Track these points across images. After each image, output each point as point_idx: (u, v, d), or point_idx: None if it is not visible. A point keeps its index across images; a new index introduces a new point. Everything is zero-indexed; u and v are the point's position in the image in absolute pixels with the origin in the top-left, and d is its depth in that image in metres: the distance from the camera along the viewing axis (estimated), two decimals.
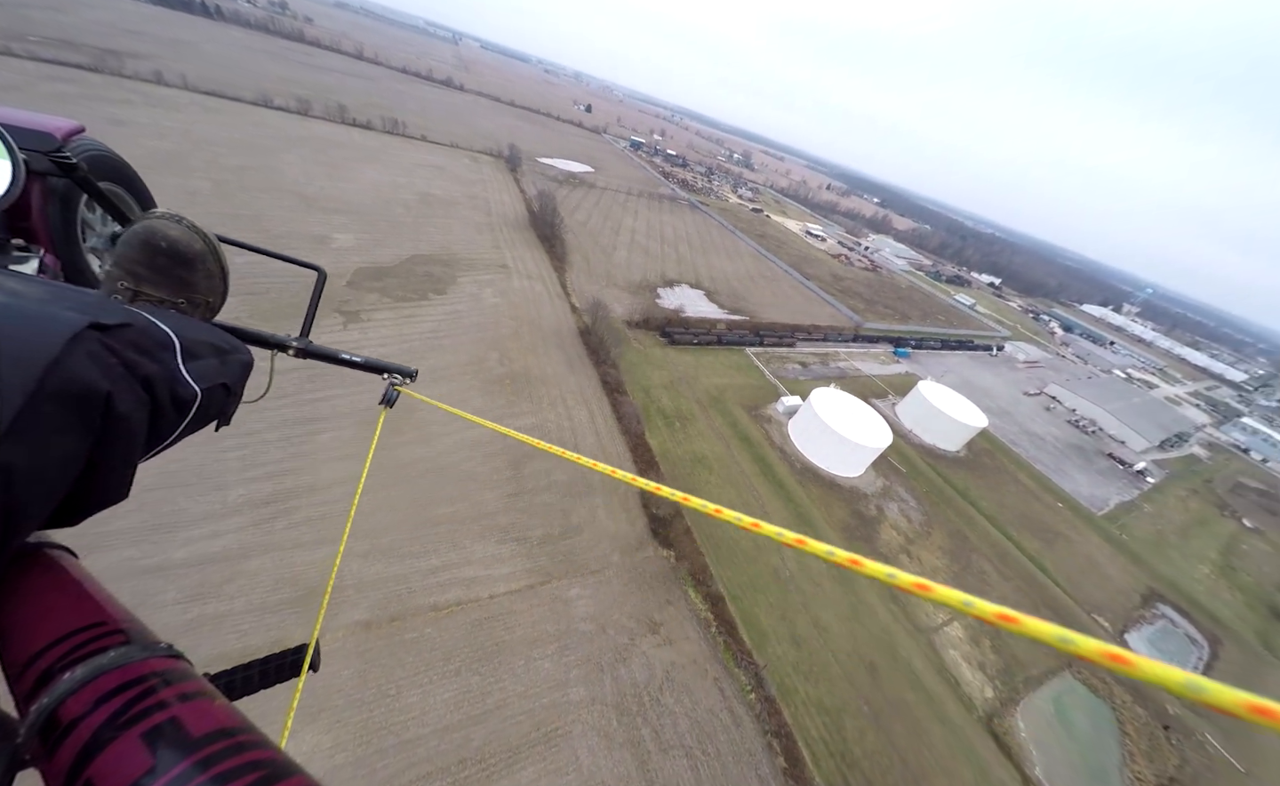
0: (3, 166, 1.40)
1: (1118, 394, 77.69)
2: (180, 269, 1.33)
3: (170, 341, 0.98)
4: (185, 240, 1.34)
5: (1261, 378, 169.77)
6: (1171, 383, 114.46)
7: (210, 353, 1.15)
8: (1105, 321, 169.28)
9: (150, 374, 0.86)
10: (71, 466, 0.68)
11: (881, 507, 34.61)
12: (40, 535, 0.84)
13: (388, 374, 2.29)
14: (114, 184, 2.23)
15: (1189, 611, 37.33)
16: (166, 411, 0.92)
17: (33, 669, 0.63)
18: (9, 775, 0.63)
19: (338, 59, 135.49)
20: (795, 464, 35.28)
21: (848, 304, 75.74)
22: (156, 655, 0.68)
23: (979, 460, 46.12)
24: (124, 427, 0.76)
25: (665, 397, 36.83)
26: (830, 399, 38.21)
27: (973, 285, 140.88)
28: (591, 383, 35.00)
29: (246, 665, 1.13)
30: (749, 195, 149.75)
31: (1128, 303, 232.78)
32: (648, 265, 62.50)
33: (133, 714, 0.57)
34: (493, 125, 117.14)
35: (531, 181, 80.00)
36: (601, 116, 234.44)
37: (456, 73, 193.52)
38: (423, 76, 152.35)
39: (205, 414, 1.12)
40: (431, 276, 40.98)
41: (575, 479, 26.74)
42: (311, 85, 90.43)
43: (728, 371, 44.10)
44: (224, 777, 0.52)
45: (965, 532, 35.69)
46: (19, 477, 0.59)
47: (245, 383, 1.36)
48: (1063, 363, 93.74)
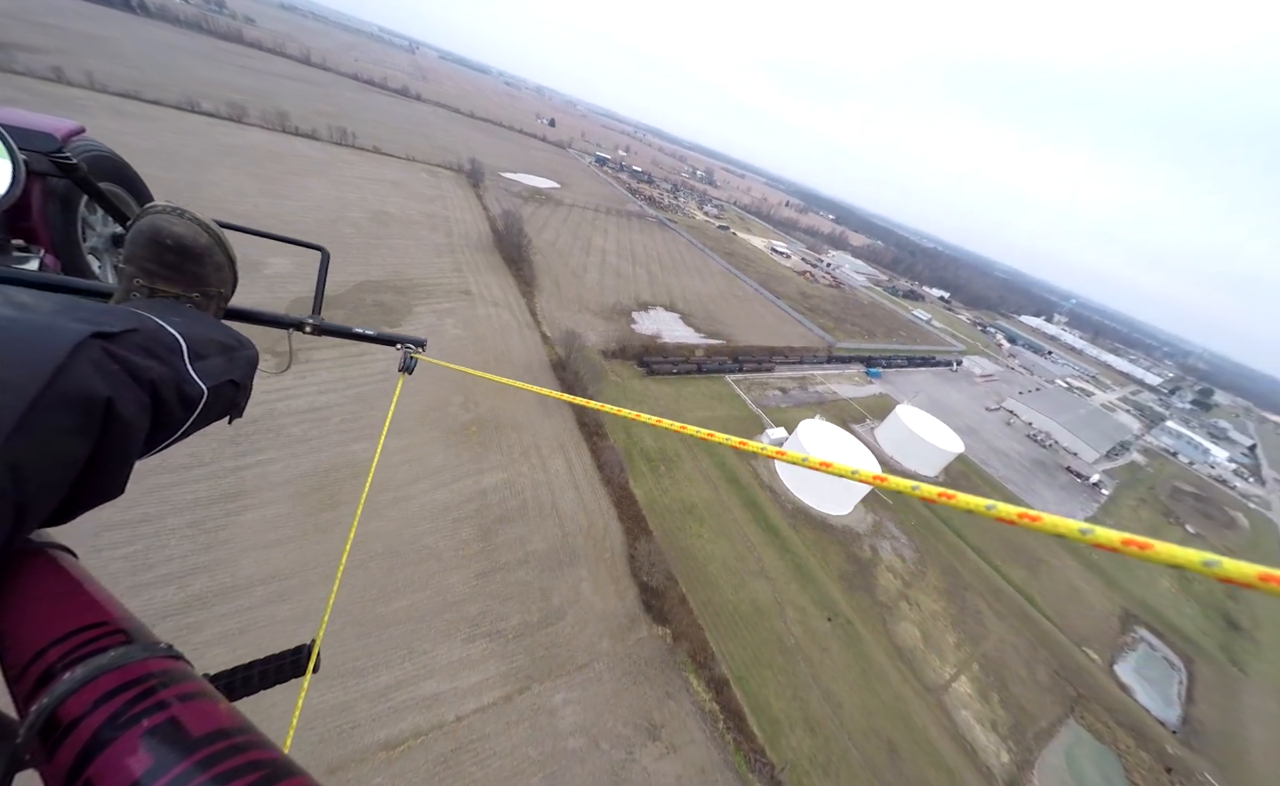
0: (3, 167, 1.40)
1: (1064, 405, 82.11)
2: (190, 264, 1.33)
3: (177, 344, 1.02)
4: (191, 235, 1.31)
5: (1172, 381, 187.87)
6: (1104, 389, 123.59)
7: (217, 351, 1.20)
8: (1041, 331, 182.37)
9: (156, 375, 0.91)
10: (73, 466, 0.72)
11: (875, 548, 33.32)
12: (40, 535, 0.86)
13: (400, 344, 2.22)
14: (114, 184, 2.23)
15: (1161, 632, 38.19)
16: (173, 409, 0.97)
17: (32, 669, 0.63)
18: (9, 775, 0.63)
19: (281, 63, 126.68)
20: (786, 504, 33.49)
21: (818, 322, 76.38)
22: (156, 655, 0.68)
23: (956, 484, 46.20)
24: (124, 430, 0.80)
25: (647, 437, 34.25)
26: (817, 432, 36.90)
27: (926, 300, 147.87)
28: (568, 425, 31.94)
29: (247, 665, 1.12)
30: (714, 212, 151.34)
31: (1057, 312, 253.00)
32: (620, 287, 60.17)
33: (133, 714, 0.57)
34: (453, 138, 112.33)
35: (495, 198, 76.29)
36: (565, 131, 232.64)
37: (413, 82, 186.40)
38: (376, 84, 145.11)
39: (213, 409, 1.17)
40: (384, 306, 36.79)
41: (555, 545, 23.58)
42: (249, 90, 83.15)
43: (710, 403, 42.15)
44: (224, 777, 0.52)
45: (957, 567, 34.98)
46: (27, 474, 0.63)
47: (253, 377, 1.39)
48: (1013, 375, 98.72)
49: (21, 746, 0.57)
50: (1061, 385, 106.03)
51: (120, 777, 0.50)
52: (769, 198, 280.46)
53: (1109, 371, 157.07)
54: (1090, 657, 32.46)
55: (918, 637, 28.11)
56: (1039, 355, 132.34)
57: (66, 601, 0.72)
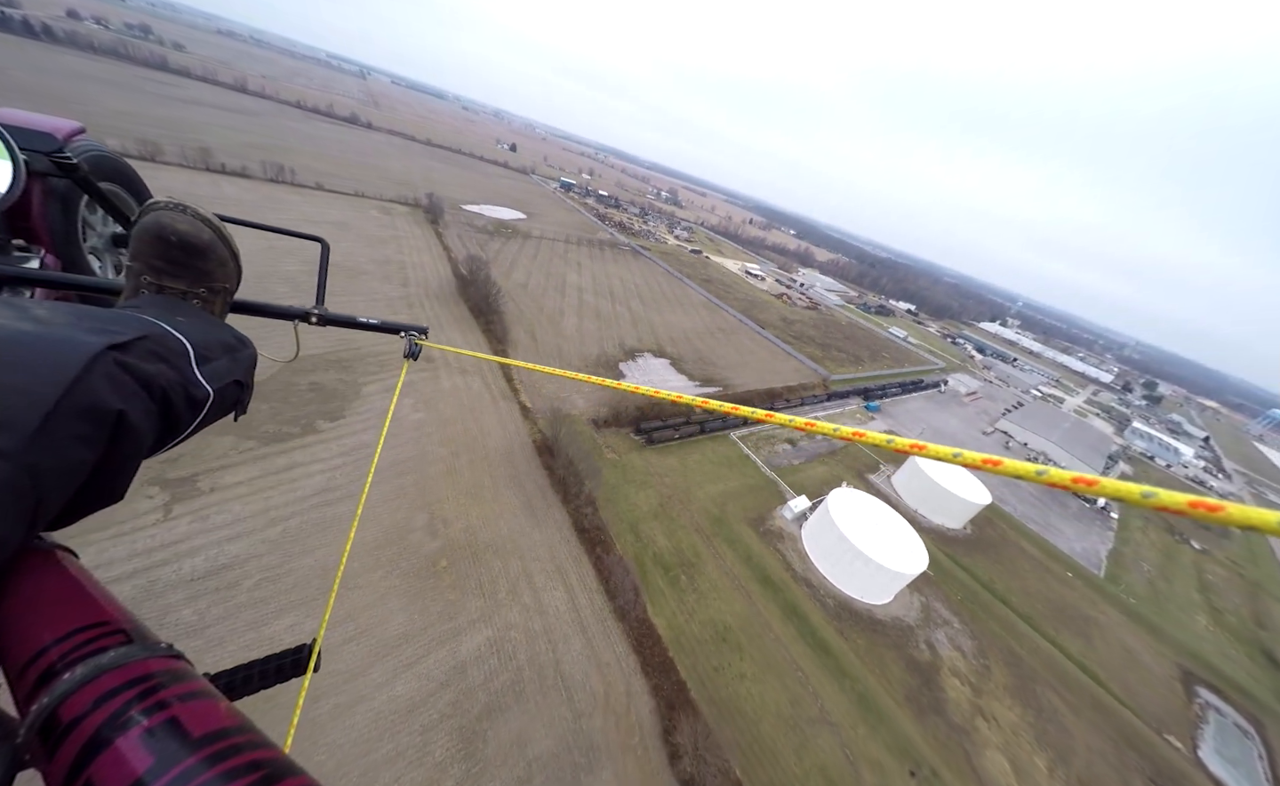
0: (3, 167, 1.39)
1: (1049, 420, 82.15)
2: (196, 260, 1.33)
3: (185, 349, 1.06)
4: (194, 231, 1.31)
5: (1122, 376, 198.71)
6: (1070, 393, 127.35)
7: (222, 352, 1.21)
8: (1001, 337, 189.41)
9: (166, 382, 0.94)
10: (82, 472, 0.74)
11: (931, 643, 28.58)
12: (40, 534, 0.87)
13: (404, 332, 2.35)
14: (114, 184, 2.19)
15: (1220, 688, 35.18)
16: (181, 412, 1.00)
17: (33, 668, 0.63)
18: (9, 775, 0.63)
19: (212, 91, 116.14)
20: (826, 600, 28.36)
21: (807, 352, 73.26)
22: (157, 655, 0.68)
23: (984, 534, 42.71)
24: (131, 438, 0.83)
25: (659, 533, 28.49)
26: (847, 506, 32.20)
27: (896, 314, 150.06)
28: (563, 534, 25.78)
29: (247, 665, 1.13)
30: (685, 235, 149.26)
31: (1009, 316, 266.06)
32: (602, 332, 54.63)
33: (133, 714, 0.57)
34: (408, 168, 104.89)
35: (458, 235, 69.69)
36: (527, 156, 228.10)
37: (364, 108, 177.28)
38: (322, 113, 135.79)
39: (219, 409, 1.20)
40: (322, 389, 29.71)
41: (565, 738, 17.31)
42: (169, 122, 73.68)
43: (719, 470, 36.88)
44: (225, 777, 0.52)
45: (1017, 651, 30.69)
46: (44, 477, 0.66)
47: (254, 374, 1.42)
48: (994, 389, 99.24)
49: (22, 745, 0.58)
50: (1036, 395, 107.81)
51: (121, 777, 0.50)
52: (733, 216, 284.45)
53: (1068, 373, 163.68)
54: (1174, 747, 28.63)
55: (1007, 769, 23.27)
56: (1007, 364, 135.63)
57: (67, 601, 0.72)
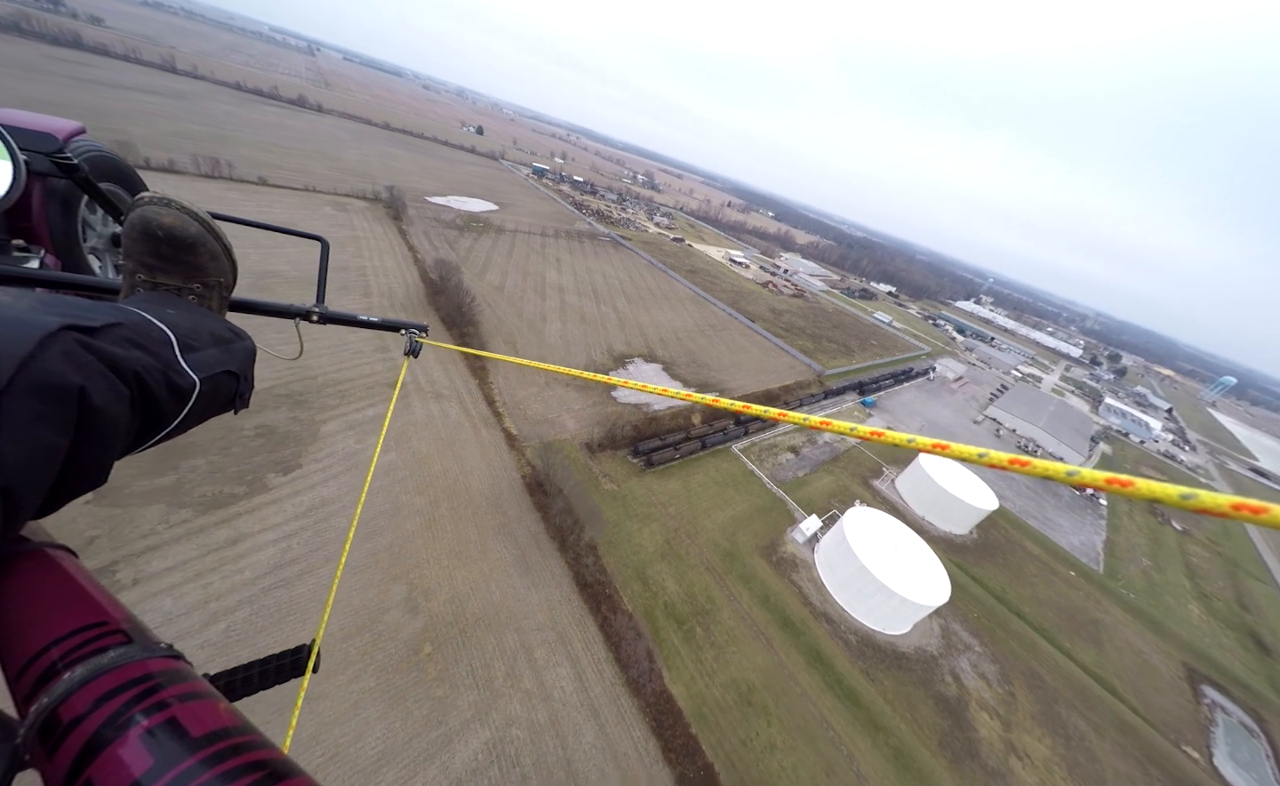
0: (3, 167, 1.40)
1: (1034, 403, 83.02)
2: (185, 255, 1.32)
3: (165, 336, 1.04)
4: (180, 225, 1.30)
5: (1090, 352, 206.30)
6: (1045, 371, 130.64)
7: (211, 342, 1.20)
8: (977, 315, 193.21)
9: (141, 366, 0.92)
10: (52, 455, 0.72)
11: (956, 673, 27.11)
12: (40, 535, 0.87)
13: (405, 330, 2.38)
14: (114, 184, 2.18)
15: (1222, 684, 35.37)
16: (163, 399, 0.99)
17: (33, 669, 0.63)
18: (9, 775, 0.63)
19: (136, 71, 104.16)
20: (849, 636, 26.45)
21: (798, 345, 71.37)
22: (156, 655, 0.68)
23: (989, 537, 41.84)
24: (99, 419, 0.80)
25: (669, 576, 25.84)
26: (863, 529, 30.22)
27: (877, 297, 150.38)
28: (563, 591, 22.81)
29: (247, 665, 1.13)
30: (665, 222, 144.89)
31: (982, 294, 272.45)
32: (589, 338, 51.04)
33: (132, 714, 0.57)
34: (365, 156, 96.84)
35: (424, 232, 64.21)
36: (495, 139, 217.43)
37: (313, 89, 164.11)
38: (265, 95, 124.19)
39: (212, 401, 1.19)
40: (272, 434, 25.58)
41: None
42: (82, 109, 64.81)
43: (724, 491, 34.37)
44: (224, 778, 0.52)
45: (1038, 671, 29.64)
46: (7, 462, 0.64)
47: (252, 368, 1.40)
48: (978, 372, 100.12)
49: (22, 746, 0.58)
50: (1017, 375, 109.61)
51: (120, 777, 0.50)
52: (712, 199, 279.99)
53: (1041, 350, 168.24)
54: (1192, 758, 28.22)
55: None
56: (986, 343, 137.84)
57: (67, 601, 0.72)
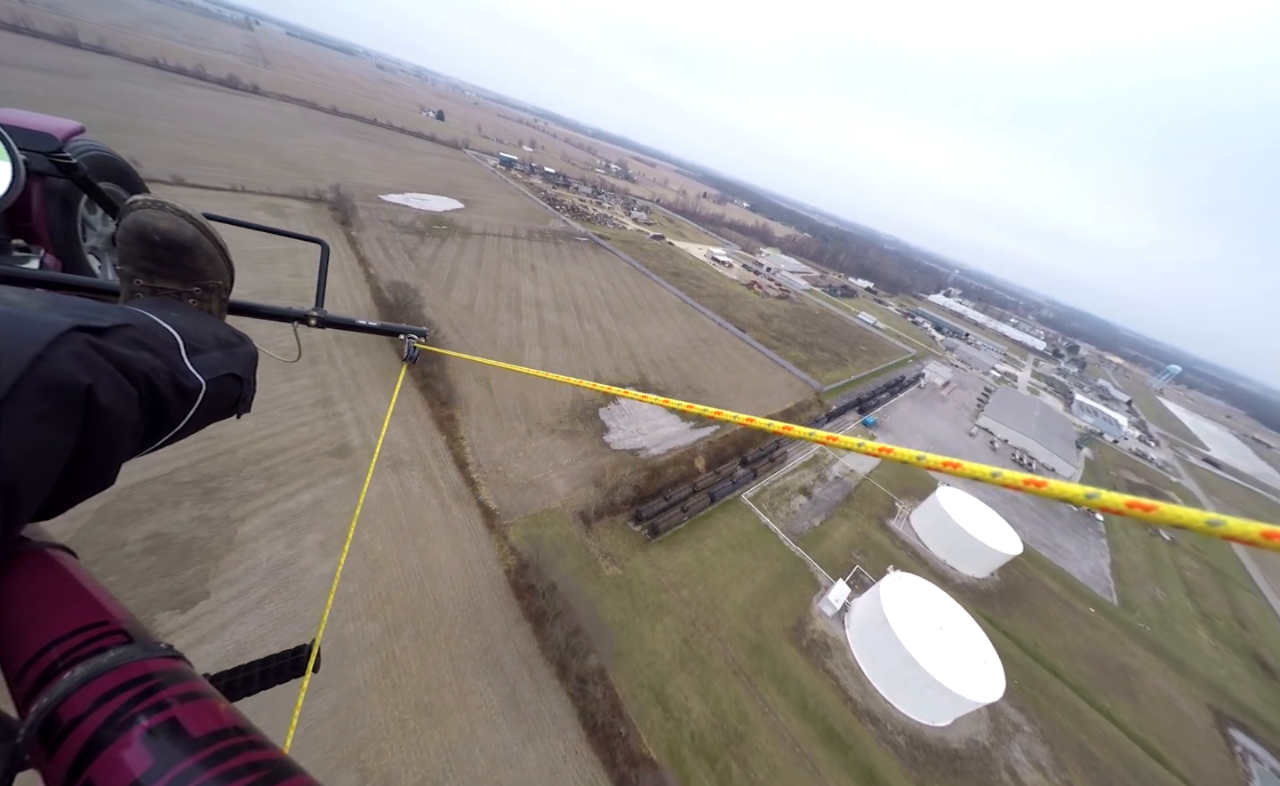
0: (3, 167, 1.40)
1: (1018, 408, 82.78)
2: (182, 258, 1.33)
3: (172, 338, 1.06)
4: (176, 229, 1.30)
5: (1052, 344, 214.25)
6: (1018, 367, 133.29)
7: (215, 346, 1.23)
8: (949, 310, 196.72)
9: (149, 367, 0.93)
10: (57, 455, 0.71)
11: (1012, 768, 23.93)
12: (40, 535, 0.87)
13: (404, 334, 2.38)
14: (114, 184, 2.19)
15: (1246, 725, 34.13)
16: (170, 401, 1.00)
17: (33, 669, 0.63)
18: (9, 775, 0.63)
19: (25, 45, 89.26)
20: (898, 739, 22.70)
21: (792, 357, 67.92)
22: (156, 655, 0.68)
23: (1010, 578, 39.31)
24: (107, 418, 0.79)
25: (692, 692, 21.23)
26: (902, 604, 26.54)
27: (857, 294, 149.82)
28: (568, 742, 17.82)
29: (247, 665, 1.13)
30: (643, 217, 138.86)
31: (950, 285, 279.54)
32: (574, 366, 45.43)
33: (132, 714, 0.57)
34: (307, 147, 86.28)
35: (377, 239, 56.49)
36: (458, 125, 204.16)
37: (249, 68, 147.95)
38: (189, 74, 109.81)
39: (216, 403, 1.20)
40: (168, 546, 19.22)
41: None
42: None
43: (741, 558, 29.97)
44: (224, 778, 0.52)
45: (1090, 749, 26.92)
46: (10, 459, 0.63)
47: (255, 371, 1.42)
48: (961, 374, 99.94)
49: (22, 746, 0.58)
50: (995, 375, 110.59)
51: (120, 777, 0.51)
52: (688, 190, 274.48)
53: (1010, 344, 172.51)
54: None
55: None
56: (962, 340, 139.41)
57: (67, 601, 0.72)
